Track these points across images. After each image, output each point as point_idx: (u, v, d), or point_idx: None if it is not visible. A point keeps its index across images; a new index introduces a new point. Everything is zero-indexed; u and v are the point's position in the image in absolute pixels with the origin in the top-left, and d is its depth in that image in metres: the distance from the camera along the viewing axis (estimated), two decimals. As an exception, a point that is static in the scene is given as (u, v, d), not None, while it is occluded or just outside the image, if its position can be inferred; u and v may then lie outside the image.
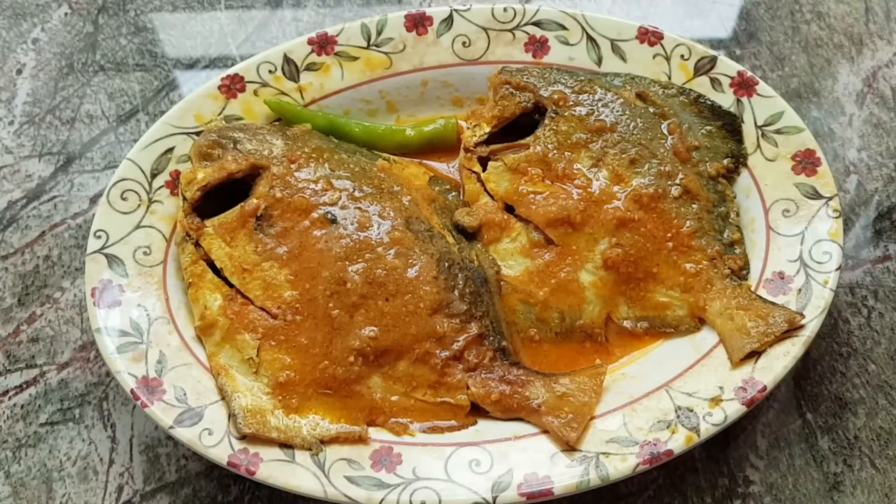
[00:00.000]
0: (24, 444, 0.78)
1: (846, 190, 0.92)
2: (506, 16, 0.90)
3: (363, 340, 0.73)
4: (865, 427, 0.78)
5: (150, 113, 0.99)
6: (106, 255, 0.78)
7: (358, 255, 0.76)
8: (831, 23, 1.04)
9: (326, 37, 0.89)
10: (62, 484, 0.76)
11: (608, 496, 0.74)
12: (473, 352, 0.74)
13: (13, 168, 0.95)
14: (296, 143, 0.82)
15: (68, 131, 0.98)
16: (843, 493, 0.75)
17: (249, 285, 0.75)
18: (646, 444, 0.69)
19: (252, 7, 1.08)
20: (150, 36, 1.06)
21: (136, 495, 0.75)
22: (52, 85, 1.01)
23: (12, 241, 0.90)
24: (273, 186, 0.78)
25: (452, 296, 0.75)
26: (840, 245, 0.77)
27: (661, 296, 0.78)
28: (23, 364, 0.83)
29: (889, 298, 0.85)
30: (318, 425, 0.71)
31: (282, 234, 0.77)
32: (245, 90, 0.87)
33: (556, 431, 0.70)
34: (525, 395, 0.73)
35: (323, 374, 0.73)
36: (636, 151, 0.82)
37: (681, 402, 0.71)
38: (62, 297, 0.86)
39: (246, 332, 0.74)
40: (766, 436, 0.77)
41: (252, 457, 0.69)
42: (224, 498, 0.75)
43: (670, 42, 0.88)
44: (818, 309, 0.74)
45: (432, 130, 0.89)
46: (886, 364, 0.81)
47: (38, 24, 1.07)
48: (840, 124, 0.96)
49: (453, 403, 0.73)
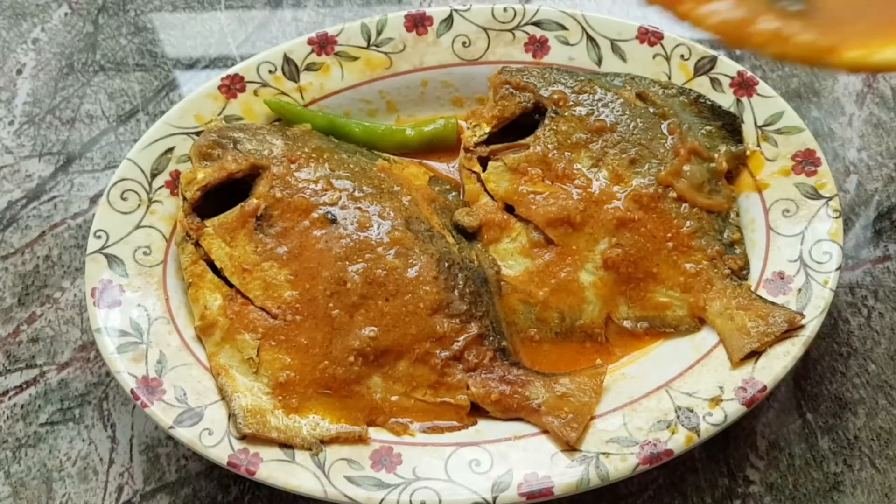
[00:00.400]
0: (24, 444, 0.78)
1: (846, 190, 0.92)
2: (506, 16, 0.90)
3: (363, 340, 0.73)
4: (865, 427, 0.78)
5: (150, 113, 0.99)
6: (106, 255, 0.78)
7: (358, 255, 0.76)
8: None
9: (326, 37, 0.89)
10: (62, 484, 0.76)
11: (608, 496, 0.74)
12: (473, 352, 0.74)
13: (13, 168, 0.95)
14: (296, 143, 0.82)
15: (68, 131, 0.98)
16: (843, 493, 0.75)
17: (249, 285, 0.75)
18: (646, 444, 0.69)
19: (252, 7, 1.08)
20: (150, 36, 1.06)
21: (136, 495, 0.75)
22: (52, 85, 1.02)
23: (12, 241, 0.90)
24: (273, 186, 0.78)
25: (452, 296, 0.76)
26: (840, 245, 0.77)
27: (661, 296, 0.78)
28: (23, 364, 0.83)
29: (889, 298, 0.85)
30: (318, 425, 0.71)
31: (282, 234, 0.77)
32: (245, 90, 0.87)
33: (556, 431, 0.70)
34: (525, 395, 0.73)
35: (323, 374, 0.73)
36: (636, 151, 0.82)
37: (681, 402, 0.71)
38: (62, 297, 0.86)
39: (246, 332, 0.74)
40: (766, 436, 0.77)
41: (252, 457, 0.69)
42: (224, 498, 0.75)
43: (670, 42, 0.88)
44: (818, 309, 0.74)
45: (432, 130, 0.89)
46: (886, 364, 0.81)
47: (38, 24, 1.07)
48: (840, 124, 0.96)
49: (453, 403, 0.73)
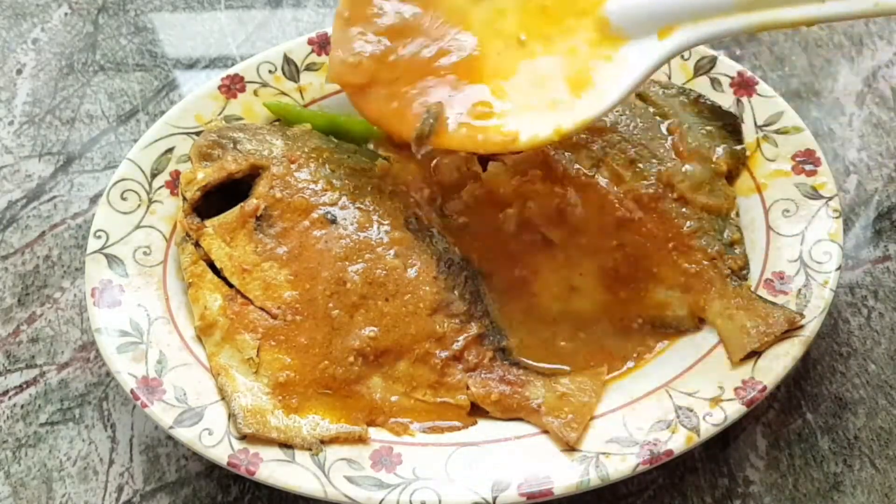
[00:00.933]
0: (24, 444, 0.78)
1: (846, 190, 0.92)
2: (506, 16, 0.89)
3: (363, 340, 0.73)
4: (865, 427, 0.78)
5: (150, 113, 0.99)
6: (106, 255, 0.78)
7: (358, 256, 0.76)
8: (831, 23, 1.04)
9: (326, 37, 0.89)
10: (62, 484, 0.76)
11: (608, 496, 0.74)
12: (473, 352, 0.74)
13: (13, 168, 0.95)
14: (296, 143, 0.82)
15: (68, 131, 0.98)
16: (843, 493, 0.75)
17: (249, 285, 0.75)
18: (646, 444, 0.69)
19: (252, 7, 1.08)
20: (150, 36, 1.06)
21: (136, 495, 0.75)
22: (52, 85, 1.02)
23: (12, 241, 0.90)
24: (273, 186, 0.78)
25: (452, 296, 0.76)
26: (840, 245, 0.77)
27: (661, 296, 0.78)
28: (23, 364, 0.83)
29: (889, 298, 0.85)
30: (318, 425, 0.71)
31: (282, 235, 0.77)
32: (245, 90, 0.87)
33: (556, 431, 0.70)
34: (525, 395, 0.73)
35: (323, 374, 0.73)
36: (636, 151, 0.82)
37: (681, 402, 0.71)
38: (62, 297, 0.86)
39: (246, 332, 0.74)
40: (766, 436, 0.77)
41: (252, 457, 0.69)
42: (224, 498, 0.75)
43: (670, 42, 0.87)
44: (818, 309, 0.74)
45: None
46: (886, 364, 0.81)
47: (38, 24, 1.07)
48: (840, 124, 0.96)
49: (453, 403, 0.73)
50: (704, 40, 0.70)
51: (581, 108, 0.71)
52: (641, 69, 0.70)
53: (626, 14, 0.71)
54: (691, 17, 0.69)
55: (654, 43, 0.70)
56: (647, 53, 0.70)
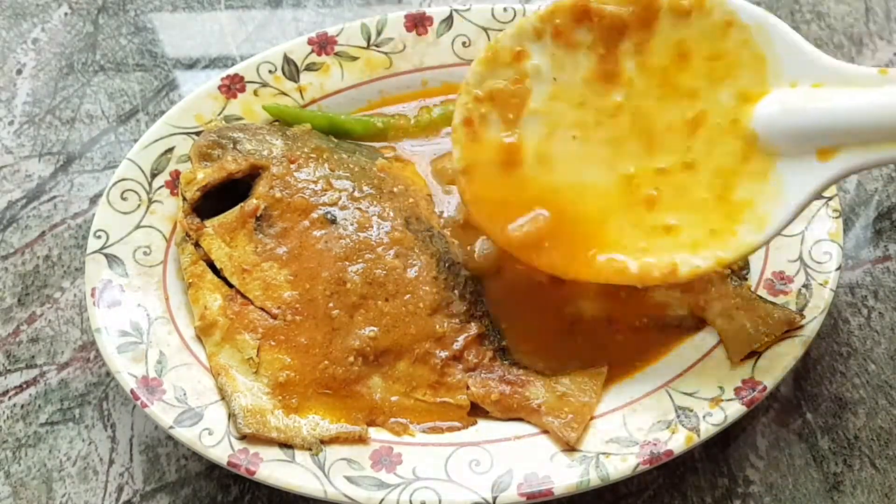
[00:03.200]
0: (24, 444, 0.78)
1: (846, 190, 0.92)
2: (506, 16, 0.90)
3: (363, 340, 0.73)
4: (865, 427, 0.78)
5: (150, 113, 0.99)
6: (106, 255, 0.78)
7: (358, 256, 0.76)
8: (831, 23, 1.04)
9: (326, 37, 0.89)
10: (62, 484, 0.76)
11: (608, 496, 0.74)
12: (473, 352, 0.74)
13: (13, 168, 0.95)
14: (295, 143, 0.82)
15: (68, 131, 0.98)
16: (843, 493, 0.75)
17: (249, 285, 0.75)
18: (646, 444, 0.69)
19: (252, 7, 1.08)
20: (150, 36, 1.06)
21: (136, 495, 0.75)
22: (52, 85, 1.02)
23: (12, 241, 0.90)
24: (273, 187, 0.78)
25: (452, 295, 0.76)
26: (840, 245, 0.77)
27: (661, 296, 0.78)
28: (23, 364, 0.83)
29: (889, 298, 0.85)
30: (318, 425, 0.71)
31: (281, 235, 0.77)
32: (245, 90, 0.87)
33: (556, 431, 0.70)
34: (525, 395, 0.73)
35: (323, 374, 0.73)
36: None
37: (681, 402, 0.71)
38: (62, 297, 0.86)
39: (246, 332, 0.74)
40: (766, 436, 0.77)
41: (252, 457, 0.69)
42: (224, 498, 0.75)
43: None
44: (818, 309, 0.74)
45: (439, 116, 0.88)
46: (886, 364, 0.81)
47: (38, 24, 1.07)
48: (840, 124, 0.96)
49: (453, 403, 0.73)
50: (872, 166, 0.63)
51: (742, 236, 0.66)
52: (803, 195, 0.64)
53: (779, 130, 0.64)
54: (859, 142, 0.61)
55: (812, 164, 0.63)
56: (807, 175, 0.63)
